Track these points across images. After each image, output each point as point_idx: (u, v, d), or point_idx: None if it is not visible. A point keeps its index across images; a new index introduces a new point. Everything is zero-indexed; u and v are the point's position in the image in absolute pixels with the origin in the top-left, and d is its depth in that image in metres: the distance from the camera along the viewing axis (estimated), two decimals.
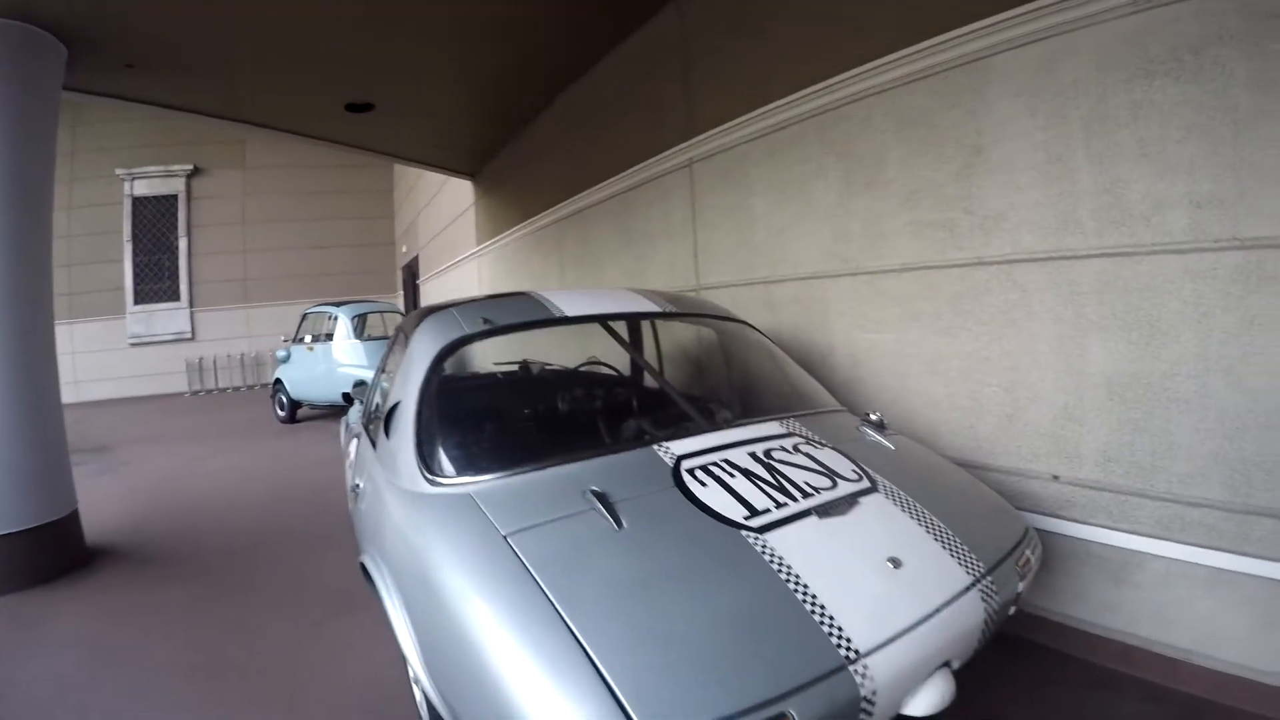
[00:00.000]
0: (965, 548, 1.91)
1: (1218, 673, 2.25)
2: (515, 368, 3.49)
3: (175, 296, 14.81)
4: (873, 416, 2.60)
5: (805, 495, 1.97)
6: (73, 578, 3.82)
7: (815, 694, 1.39)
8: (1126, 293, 2.36)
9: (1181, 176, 2.19)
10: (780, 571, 1.66)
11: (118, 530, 4.65)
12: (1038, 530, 2.53)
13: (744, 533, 1.78)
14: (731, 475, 2.02)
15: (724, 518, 1.82)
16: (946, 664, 1.67)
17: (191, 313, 14.87)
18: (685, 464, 2.04)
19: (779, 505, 1.90)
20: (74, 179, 13.64)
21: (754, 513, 1.86)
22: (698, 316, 3.11)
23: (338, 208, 16.08)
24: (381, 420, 2.53)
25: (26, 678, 2.74)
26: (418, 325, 2.57)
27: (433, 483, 1.98)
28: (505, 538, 1.65)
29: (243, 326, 15.00)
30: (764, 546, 1.73)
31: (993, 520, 2.16)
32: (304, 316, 9.40)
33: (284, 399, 9.35)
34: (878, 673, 1.49)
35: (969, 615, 1.74)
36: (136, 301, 14.52)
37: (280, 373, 9.41)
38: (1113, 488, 2.47)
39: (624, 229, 5.60)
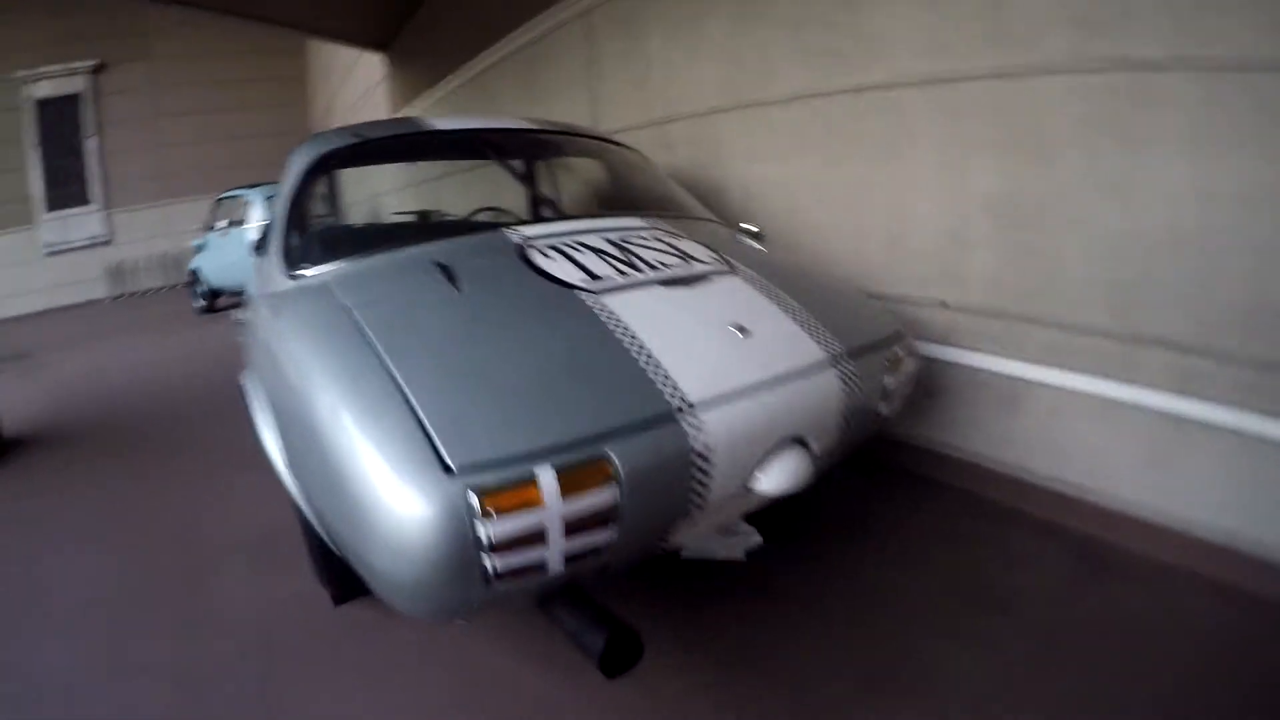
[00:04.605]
0: (823, 328, 1.81)
1: (1108, 510, 2.24)
2: (414, 217, 3.43)
3: (88, 199, 13.98)
4: (748, 227, 2.52)
5: (653, 269, 1.89)
6: None
7: (639, 439, 1.34)
8: (1012, 114, 2.31)
9: None
10: (610, 324, 1.62)
11: (36, 422, 4.57)
12: (929, 359, 2.58)
13: (579, 293, 1.74)
14: (579, 251, 1.95)
15: (562, 281, 1.79)
16: (803, 443, 1.62)
17: (108, 215, 14.04)
18: (533, 242, 2.00)
19: (622, 275, 1.84)
20: None
21: (594, 279, 1.80)
22: (580, 136, 3.06)
23: (250, 97, 15.05)
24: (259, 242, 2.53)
25: None
26: (295, 149, 2.54)
27: (294, 277, 2.00)
28: (350, 310, 1.65)
29: (162, 225, 14.16)
30: (598, 304, 1.69)
31: (861, 315, 2.05)
32: (218, 203, 8.93)
33: (201, 288, 9.11)
34: (712, 427, 1.42)
35: (823, 392, 1.67)
36: (50, 209, 13.63)
37: (197, 261, 9.12)
38: (1000, 313, 2.45)
39: (527, 84, 5.45)
